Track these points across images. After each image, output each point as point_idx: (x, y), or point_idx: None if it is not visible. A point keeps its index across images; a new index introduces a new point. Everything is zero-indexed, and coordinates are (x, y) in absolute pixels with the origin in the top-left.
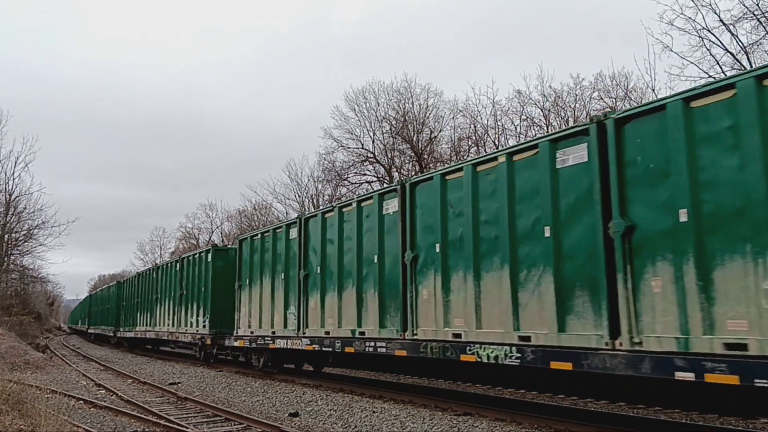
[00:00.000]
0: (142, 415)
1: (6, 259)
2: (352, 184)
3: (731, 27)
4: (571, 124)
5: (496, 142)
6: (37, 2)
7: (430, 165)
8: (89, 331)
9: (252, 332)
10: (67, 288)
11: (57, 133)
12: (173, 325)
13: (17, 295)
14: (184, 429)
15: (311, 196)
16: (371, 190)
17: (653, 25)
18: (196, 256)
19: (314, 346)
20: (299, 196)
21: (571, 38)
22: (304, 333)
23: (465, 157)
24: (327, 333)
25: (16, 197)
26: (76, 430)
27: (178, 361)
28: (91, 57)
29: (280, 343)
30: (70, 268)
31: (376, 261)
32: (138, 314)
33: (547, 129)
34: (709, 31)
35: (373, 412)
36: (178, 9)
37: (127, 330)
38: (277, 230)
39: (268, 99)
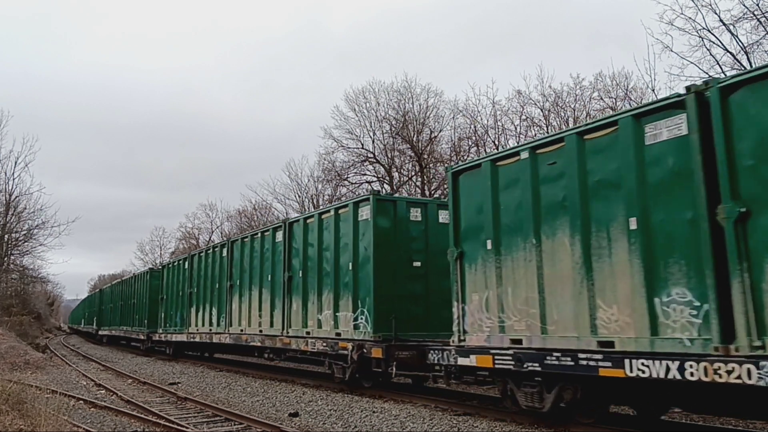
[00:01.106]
0: (142, 415)
1: (6, 259)
2: (352, 184)
3: (731, 27)
4: (571, 124)
5: (496, 143)
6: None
7: (430, 165)
8: (100, 333)
9: (515, 341)
10: (67, 288)
11: (57, 133)
12: (274, 326)
13: (17, 295)
14: (184, 429)
15: (311, 196)
16: None
17: (653, 25)
18: (327, 214)
19: None
20: (299, 196)
21: (571, 38)
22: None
23: (465, 158)
24: None
25: (16, 197)
26: (76, 430)
27: (178, 361)
28: (91, 57)
29: (641, 370)
30: (70, 268)
31: None
32: (193, 310)
33: (547, 129)
34: (709, 31)
35: (373, 412)
36: (177, 10)
37: (172, 332)
38: (600, 131)
39: (267, 100)
